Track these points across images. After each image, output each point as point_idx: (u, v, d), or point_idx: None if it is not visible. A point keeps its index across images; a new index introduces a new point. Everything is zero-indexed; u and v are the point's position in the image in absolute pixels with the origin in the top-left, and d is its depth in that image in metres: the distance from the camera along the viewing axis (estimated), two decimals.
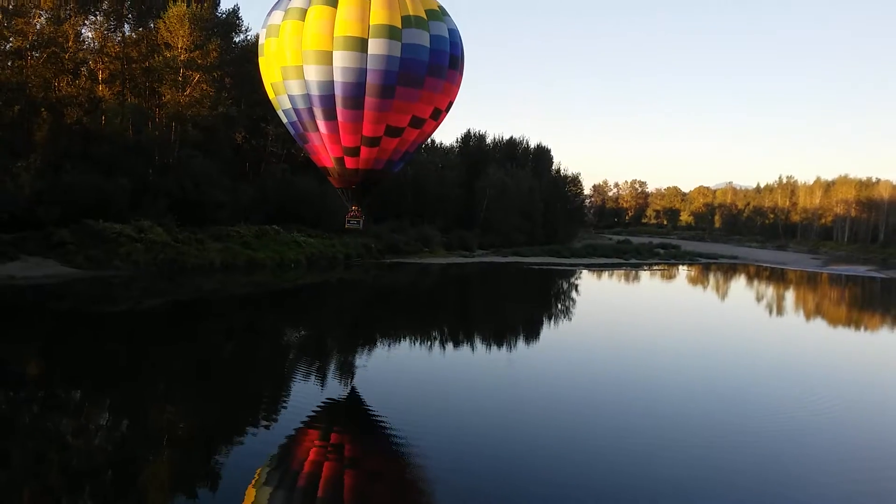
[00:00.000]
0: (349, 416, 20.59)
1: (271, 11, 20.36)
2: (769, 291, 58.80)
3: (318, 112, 19.95)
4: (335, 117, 19.94)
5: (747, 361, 26.91)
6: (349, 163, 21.16)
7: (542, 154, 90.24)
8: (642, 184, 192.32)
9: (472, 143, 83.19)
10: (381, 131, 20.55)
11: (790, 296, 57.35)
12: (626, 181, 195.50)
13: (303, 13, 19.00)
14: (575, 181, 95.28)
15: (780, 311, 45.64)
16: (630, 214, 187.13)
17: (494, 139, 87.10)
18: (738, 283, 64.42)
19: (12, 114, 39.99)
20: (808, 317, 43.41)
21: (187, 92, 47.40)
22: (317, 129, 20.42)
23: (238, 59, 52.93)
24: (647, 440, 16.25)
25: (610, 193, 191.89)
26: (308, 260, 48.29)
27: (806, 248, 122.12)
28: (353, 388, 22.39)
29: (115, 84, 48.50)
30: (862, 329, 40.65)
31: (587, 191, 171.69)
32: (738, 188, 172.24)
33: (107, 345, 26.34)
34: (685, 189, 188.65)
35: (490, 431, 17.78)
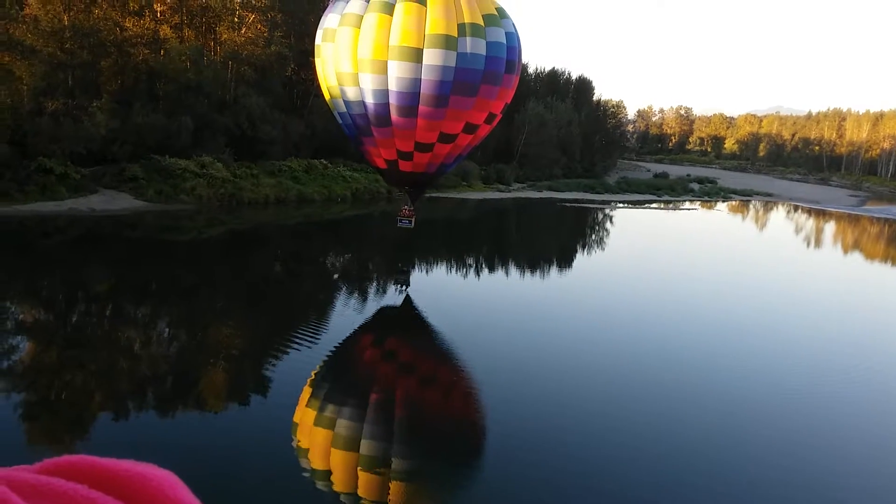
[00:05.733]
0: (402, 324, 23.68)
1: (327, 14, 20.70)
2: (791, 237, 60.48)
3: (372, 118, 20.29)
4: (389, 124, 20.20)
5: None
6: (402, 166, 21.58)
7: (584, 86, 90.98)
8: (687, 110, 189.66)
9: None
10: (434, 138, 20.70)
11: (811, 243, 58.87)
12: (672, 107, 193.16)
13: (358, 20, 19.21)
14: (615, 113, 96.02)
15: (793, 260, 47.67)
16: (674, 141, 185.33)
17: (536, 70, 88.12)
18: (762, 228, 66.09)
19: (85, 55, 43.28)
20: (829, 262, 45.55)
21: (243, 32, 50.14)
22: (371, 133, 20.89)
23: None
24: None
25: (654, 119, 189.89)
26: (353, 194, 51.69)
27: (849, 183, 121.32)
28: (406, 298, 25.29)
29: (174, 18, 51.13)
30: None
31: (631, 116, 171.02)
32: (787, 114, 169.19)
33: (172, 268, 30.27)
34: (732, 114, 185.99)
35: (528, 341, 21.03)
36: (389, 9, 18.99)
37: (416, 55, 18.94)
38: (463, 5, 19.42)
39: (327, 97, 22.23)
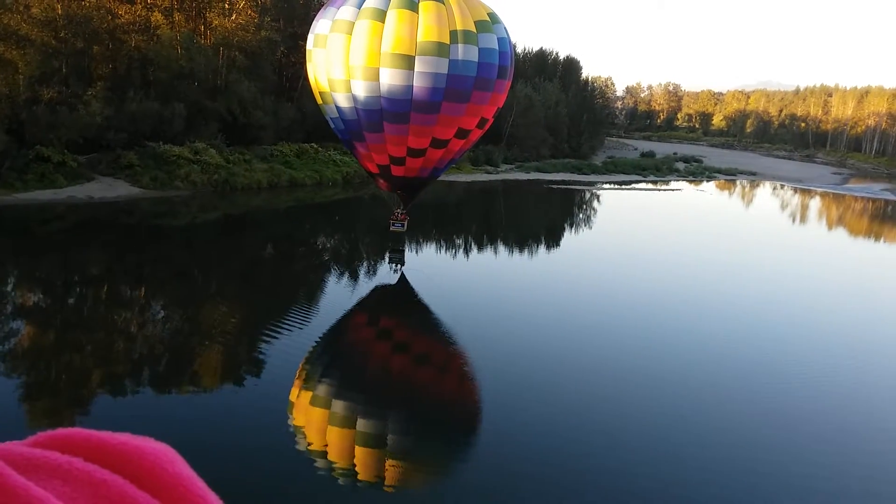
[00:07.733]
0: (397, 302, 24.26)
1: (318, 20, 20.82)
2: (771, 218, 61.70)
3: (364, 124, 20.51)
4: (381, 130, 20.31)
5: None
6: (395, 171, 21.74)
7: (572, 65, 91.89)
8: (676, 86, 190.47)
9: None
10: (426, 143, 20.84)
11: (788, 223, 60.18)
12: (660, 83, 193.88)
13: (350, 26, 19.23)
14: (603, 92, 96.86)
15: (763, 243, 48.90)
16: (662, 117, 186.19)
17: (525, 51, 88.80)
18: (742, 208, 67.36)
19: (78, 44, 43.85)
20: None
21: (233, 18, 50.72)
22: (363, 139, 21.12)
23: None
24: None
25: (643, 95, 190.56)
26: (344, 178, 52.65)
27: (834, 160, 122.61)
28: (401, 277, 25.87)
29: (164, 1, 51.37)
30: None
31: (619, 92, 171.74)
32: (775, 89, 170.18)
33: (168, 252, 31.30)
34: (721, 89, 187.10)
35: (521, 319, 21.66)
36: (381, 16, 18.97)
37: (409, 62, 19.02)
38: (455, 12, 19.46)
39: (319, 102, 22.58)
